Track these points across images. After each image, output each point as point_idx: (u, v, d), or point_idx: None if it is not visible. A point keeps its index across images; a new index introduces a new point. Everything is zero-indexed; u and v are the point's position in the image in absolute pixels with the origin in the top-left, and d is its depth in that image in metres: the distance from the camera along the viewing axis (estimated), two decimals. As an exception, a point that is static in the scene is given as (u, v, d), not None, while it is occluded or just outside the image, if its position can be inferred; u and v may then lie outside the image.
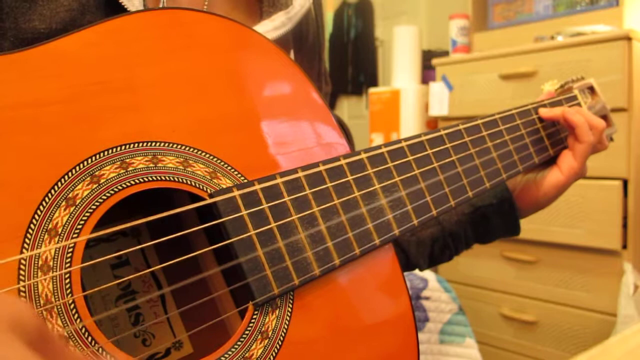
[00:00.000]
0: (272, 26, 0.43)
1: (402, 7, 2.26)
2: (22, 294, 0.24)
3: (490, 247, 1.34)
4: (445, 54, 1.64)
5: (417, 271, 0.90)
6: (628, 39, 1.10)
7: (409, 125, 1.61)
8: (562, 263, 1.21)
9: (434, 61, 1.48)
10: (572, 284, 1.20)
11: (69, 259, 0.26)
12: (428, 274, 0.92)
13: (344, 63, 2.37)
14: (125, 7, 0.36)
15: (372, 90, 1.76)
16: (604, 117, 0.59)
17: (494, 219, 0.54)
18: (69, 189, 0.27)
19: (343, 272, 0.35)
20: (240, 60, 0.35)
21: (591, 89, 0.60)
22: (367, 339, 0.34)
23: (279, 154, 0.35)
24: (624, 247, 1.12)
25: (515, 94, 1.27)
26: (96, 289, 0.31)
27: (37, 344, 0.19)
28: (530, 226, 1.33)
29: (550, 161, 0.53)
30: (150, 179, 0.29)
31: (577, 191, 1.16)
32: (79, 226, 0.27)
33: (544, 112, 0.52)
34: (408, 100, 1.62)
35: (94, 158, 0.28)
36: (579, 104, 0.57)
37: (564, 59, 1.19)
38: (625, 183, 1.12)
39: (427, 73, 1.70)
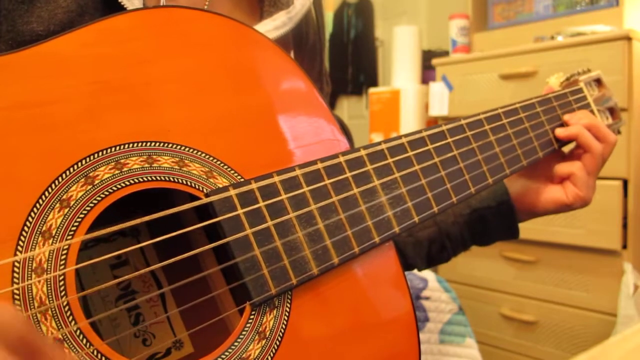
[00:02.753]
0: (273, 25, 0.43)
1: (402, 7, 2.26)
2: (15, 296, 0.24)
3: (490, 247, 1.32)
4: (445, 54, 1.64)
5: (416, 271, 0.90)
6: (628, 39, 1.09)
7: (409, 126, 1.60)
8: (562, 263, 1.21)
9: (434, 61, 1.48)
10: (572, 284, 1.20)
11: (63, 261, 0.26)
12: (428, 273, 0.92)
13: (344, 63, 2.37)
14: (125, 7, 0.35)
15: (372, 90, 1.76)
16: (611, 110, 0.59)
17: (491, 221, 0.53)
18: (63, 190, 0.27)
19: (342, 270, 0.34)
20: (238, 58, 0.35)
21: (598, 81, 0.59)
22: (368, 339, 0.34)
23: (277, 152, 0.34)
24: (624, 247, 1.12)
25: (515, 94, 1.27)
26: (90, 290, 0.30)
27: (19, 350, 0.19)
28: (530, 226, 1.32)
29: (551, 167, 0.52)
30: (146, 179, 0.29)
31: (577, 191, 1.16)
32: (74, 228, 0.26)
33: (560, 133, 0.50)
34: (408, 100, 1.61)
35: (88, 159, 0.28)
36: (584, 98, 0.56)
37: (564, 59, 1.19)
38: (625, 183, 1.11)
39: (427, 73, 1.70)
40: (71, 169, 0.27)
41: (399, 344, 0.35)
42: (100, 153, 0.28)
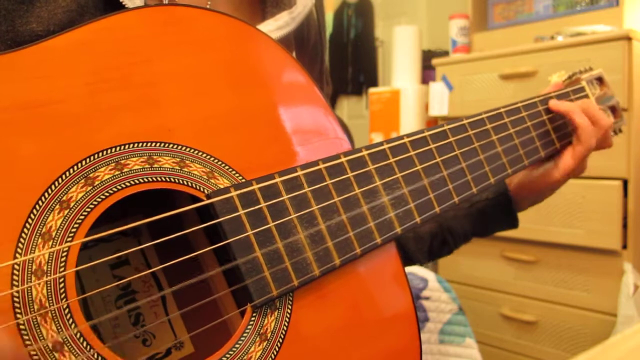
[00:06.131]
0: (276, 26, 0.43)
1: (402, 7, 2.26)
2: (15, 299, 0.24)
3: (490, 247, 1.33)
4: (445, 54, 1.64)
5: (417, 271, 0.90)
6: (628, 39, 1.09)
7: (409, 126, 1.60)
8: (562, 263, 1.21)
9: (434, 61, 1.48)
10: (572, 284, 1.20)
11: (63, 263, 0.25)
12: (428, 273, 0.92)
13: (344, 63, 2.37)
14: (126, 5, 0.35)
15: (372, 90, 1.75)
16: (613, 108, 0.59)
17: (491, 213, 0.54)
18: (63, 191, 0.26)
19: (343, 270, 0.34)
20: (240, 57, 0.34)
21: (599, 80, 0.59)
22: (369, 339, 0.34)
23: (278, 152, 0.34)
24: (624, 247, 1.12)
25: (515, 94, 1.27)
26: (91, 293, 0.30)
27: None
28: (530, 226, 1.34)
29: (551, 156, 0.53)
30: (146, 180, 0.29)
31: (577, 191, 1.16)
32: (73, 229, 0.26)
33: (553, 104, 0.51)
34: (408, 100, 1.61)
35: (88, 160, 0.27)
36: (586, 96, 0.56)
37: (564, 59, 1.18)
38: (625, 183, 1.11)
39: (427, 73, 1.70)
40: (71, 170, 0.27)
41: (400, 343, 0.35)
42: (100, 154, 0.28)
